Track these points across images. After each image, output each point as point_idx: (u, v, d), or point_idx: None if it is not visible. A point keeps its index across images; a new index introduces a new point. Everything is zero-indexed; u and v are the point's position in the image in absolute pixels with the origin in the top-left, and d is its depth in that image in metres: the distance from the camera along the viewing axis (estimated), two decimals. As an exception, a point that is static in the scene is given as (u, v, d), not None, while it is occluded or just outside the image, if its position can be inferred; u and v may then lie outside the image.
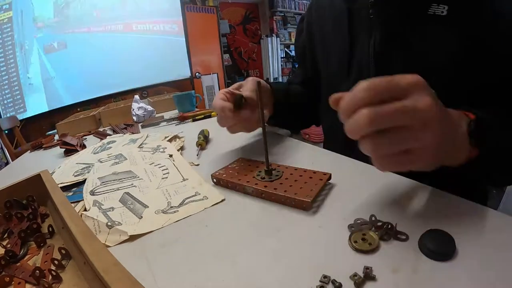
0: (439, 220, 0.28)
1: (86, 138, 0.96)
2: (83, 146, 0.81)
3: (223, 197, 0.38)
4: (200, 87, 3.57)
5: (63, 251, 0.29)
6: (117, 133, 0.92)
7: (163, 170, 0.50)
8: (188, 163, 0.52)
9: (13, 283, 0.26)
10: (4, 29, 2.81)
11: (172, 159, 0.55)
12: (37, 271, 0.26)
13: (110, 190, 0.45)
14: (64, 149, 0.78)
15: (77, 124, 1.13)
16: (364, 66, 0.50)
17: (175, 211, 0.36)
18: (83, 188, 0.46)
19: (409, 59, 0.45)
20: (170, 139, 0.70)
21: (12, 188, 0.39)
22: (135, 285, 0.19)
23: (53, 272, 0.26)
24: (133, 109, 1.10)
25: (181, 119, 0.97)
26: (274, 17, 4.66)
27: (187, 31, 3.51)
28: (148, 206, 0.38)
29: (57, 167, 0.61)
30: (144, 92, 3.32)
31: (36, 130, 2.92)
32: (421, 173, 0.36)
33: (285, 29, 4.79)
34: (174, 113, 1.18)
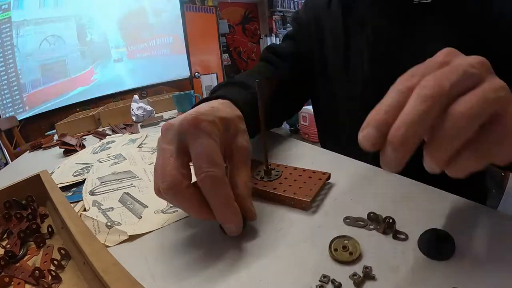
0: (439, 220, 0.28)
1: (85, 138, 0.95)
2: (83, 146, 0.81)
3: (222, 197, 0.38)
4: (200, 87, 3.57)
5: (63, 251, 0.29)
6: (116, 133, 0.92)
7: (162, 170, 0.50)
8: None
9: (12, 283, 0.26)
10: (3, 29, 2.81)
11: (172, 159, 0.55)
12: (37, 272, 0.26)
13: (110, 190, 0.45)
14: (64, 149, 0.78)
15: (76, 124, 1.13)
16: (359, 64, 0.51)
17: (174, 211, 0.36)
18: (83, 188, 0.46)
19: (406, 59, 0.45)
20: (169, 139, 0.70)
21: (12, 189, 0.39)
22: (135, 285, 0.19)
23: (52, 272, 0.26)
24: (133, 109, 1.10)
25: (181, 119, 0.97)
26: (274, 16, 4.66)
27: (186, 31, 3.51)
28: (147, 206, 0.38)
29: (57, 167, 0.61)
30: (144, 92, 3.32)
31: (35, 130, 2.91)
32: (421, 173, 0.36)
33: (284, 28, 4.79)
34: (174, 113, 1.18)
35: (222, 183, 0.26)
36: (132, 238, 0.32)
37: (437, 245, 0.24)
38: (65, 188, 0.49)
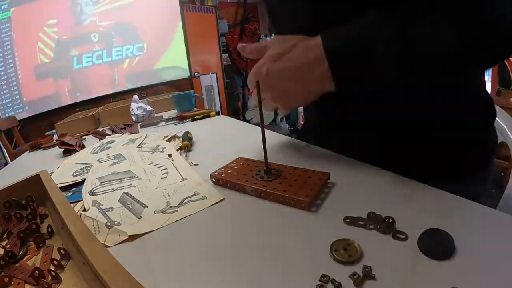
0: (438, 219, 0.28)
1: (85, 138, 0.95)
2: (82, 146, 0.81)
3: (222, 197, 0.38)
4: (199, 87, 3.56)
5: (63, 251, 0.29)
6: (116, 133, 0.92)
7: (162, 170, 0.50)
8: (188, 162, 0.52)
9: (12, 283, 0.26)
10: (3, 29, 2.81)
11: (171, 159, 0.55)
12: (37, 272, 0.26)
13: (109, 190, 0.45)
14: (63, 149, 0.78)
15: (76, 124, 1.13)
16: None
17: (174, 211, 0.36)
18: (82, 188, 0.46)
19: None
20: (169, 139, 0.70)
21: (11, 189, 0.39)
22: (135, 285, 0.19)
23: (52, 272, 0.26)
24: (132, 109, 1.10)
25: (180, 119, 0.97)
26: (273, 16, 4.66)
27: (186, 31, 3.50)
28: (147, 206, 0.38)
29: (56, 167, 0.61)
30: (143, 92, 3.32)
31: (35, 130, 2.91)
32: (421, 173, 0.36)
33: (284, 28, 4.79)
34: (173, 113, 1.18)
35: None
36: (132, 238, 0.32)
37: (437, 245, 0.24)
38: (64, 188, 0.49)
